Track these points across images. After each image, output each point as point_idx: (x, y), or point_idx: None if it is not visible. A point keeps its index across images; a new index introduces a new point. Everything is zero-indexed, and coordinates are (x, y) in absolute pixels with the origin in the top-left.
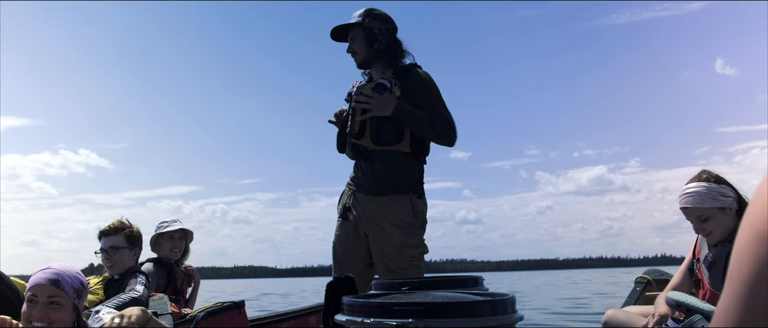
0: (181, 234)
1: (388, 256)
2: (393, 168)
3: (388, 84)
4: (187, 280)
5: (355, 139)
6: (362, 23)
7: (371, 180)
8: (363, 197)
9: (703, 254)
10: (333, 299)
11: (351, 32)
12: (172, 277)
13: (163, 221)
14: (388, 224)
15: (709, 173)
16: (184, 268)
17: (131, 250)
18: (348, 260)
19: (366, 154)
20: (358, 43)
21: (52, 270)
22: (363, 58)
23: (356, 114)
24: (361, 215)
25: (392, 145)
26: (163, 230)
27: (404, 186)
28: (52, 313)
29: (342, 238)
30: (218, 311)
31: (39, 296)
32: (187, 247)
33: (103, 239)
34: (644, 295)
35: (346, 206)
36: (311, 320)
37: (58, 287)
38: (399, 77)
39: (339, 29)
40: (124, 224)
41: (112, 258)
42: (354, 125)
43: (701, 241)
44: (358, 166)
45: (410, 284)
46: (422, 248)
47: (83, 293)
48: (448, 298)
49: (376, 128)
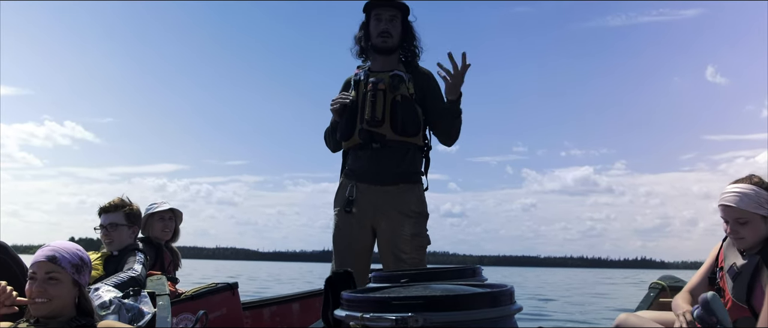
0: (171, 214)
1: (397, 246)
2: (404, 158)
3: (405, 77)
4: (174, 260)
5: (374, 127)
6: (407, 13)
7: (380, 169)
8: (367, 188)
9: (729, 264)
10: (332, 294)
11: (392, 12)
12: (160, 257)
13: (153, 202)
14: (398, 213)
15: (760, 178)
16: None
17: (130, 228)
18: (350, 251)
19: (382, 142)
20: (396, 28)
21: (51, 247)
22: (393, 44)
23: (378, 101)
24: (366, 207)
25: (412, 136)
26: (153, 210)
27: (413, 176)
28: (50, 288)
29: (344, 230)
30: (212, 291)
31: (38, 273)
32: (177, 228)
33: (102, 215)
34: (658, 300)
35: (348, 199)
36: (294, 306)
37: (55, 263)
38: (410, 72)
39: (386, 3)
40: (125, 202)
41: (110, 235)
42: (377, 112)
43: (726, 249)
44: (362, 155)
45: (409, 276)
46: (427, 238)
47: (84, 269)
48: (446, 290)
49: (401, 118)
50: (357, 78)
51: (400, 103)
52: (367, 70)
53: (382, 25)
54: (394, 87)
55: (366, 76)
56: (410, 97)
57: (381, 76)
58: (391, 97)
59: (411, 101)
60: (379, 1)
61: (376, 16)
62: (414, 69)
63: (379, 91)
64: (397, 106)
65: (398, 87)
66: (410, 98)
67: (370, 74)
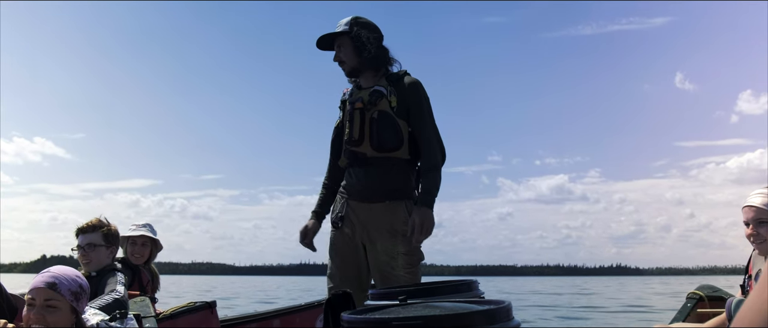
0: (145, 240)
1: (385, 263)
2: (390, 174)
3: (384, 91)
4: (153, 281)
5: (354, 147)
6: (350, 32)
7: (367, 187)
8: (357, 205)
9: (756, 270)
10: (332, 316)
11: (337, 41)
12: (137, 276)
13: (134, 223)
14: (385, 231)
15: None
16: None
17: (108, 248)
18: (344, 269)
19: (364, 161)
20: (346, 52)
21: (50, 274)
22: (352, 67)
23: (355, 120)
24: (355, 224)
25: (393, 151)
26: (127, 233)
27: (401, 192)
28: (48, 316)
29: (337, 247)
30: (190, 310)
31: (36, 300)
32: (153, 253)
33: (80, 235)
34: (695, 311)
35: (339, 215)
36: (275, 323)
37: (54, 290)
38: (393, 85)
39: (325, 38)
40: (102, 223)
41: (88, 255)
42: (353, 132)
43: (755, 258)
44: (352, 173)
45: (406, 293)
46: (419, 254)
47: (82, 296)
48: (446, 309)
49: (377, 134)
50: (344, 97)
51: (376, 120)
52: (354, 88)
53: (336, 56)
54: (371, 103)
55: (351, 95)
56: (391, 111)
57: (361, 94)
58: (368, 115)
59: (390, 116)
60: (320, 44)
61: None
62: (397, 81)
63: (355, 110)
64: (374, 123)
65: (376, 103)
66: (390, 113)
67: (355, 92)
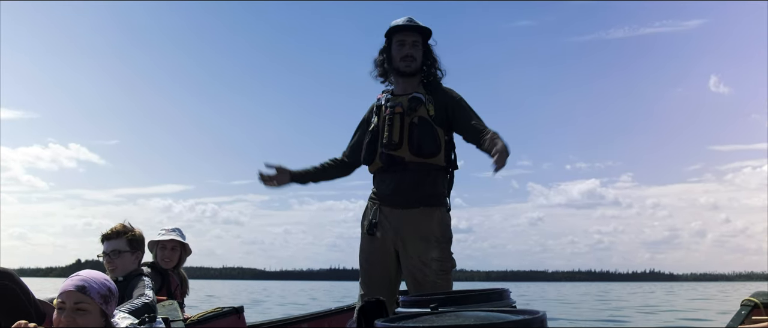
0: (174, 245)
1: (418, 269)
2: (426, 180)
3: (423, 98)
4: (182, 286)
5: (392, 150)
6: (428, 37)
7: (402, 192)
8: (390, 211)
9: None
10: (365, 323)
11: (414, 37)
12: (166, 281)
13: (164, 227)
14: (419, 238)
15: None
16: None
17: (133, 254)
18: (376, 276)
19: (401, 165)
20: (418, 52)
21: (80, 277)
22: (416, 68)
23: (395, 124)
24: (388, 229)
25: (431, 157)
26: (156, 238)
27: (435, 199)
28: (79, 319)
29: (369, 254)
30: (218, 315)
31: (66, 303)
32: (182, 258)
33: (105, 242)
34: (750, 318)
35: (372, 222)
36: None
37: (84, 293)
38: (430, 93)
39: (410, 28)
40: (127, 228)
41: (114, 262)
42: (393, 135)
43: None
44: (384, 179)
45: (438, 301)
46: (451, 261)
47: (111, 299)
48: (479, 319)
49: (417, 139)
50: (379, 103)
51: (417, 125)
52: (389, 94)
53: (406, 50)
54: (411, 109)
55: (387, 100)
56: (430, 118)
57: (399, 99)
58: (408, 120)
59: (429, 123)
60: (403, 26)
61: (399, 41)
62: (435, 89)
63: (396, 115)
64: (414, 128)
65: (416, 109)
66: (429, 120)
67: (391, 98)
